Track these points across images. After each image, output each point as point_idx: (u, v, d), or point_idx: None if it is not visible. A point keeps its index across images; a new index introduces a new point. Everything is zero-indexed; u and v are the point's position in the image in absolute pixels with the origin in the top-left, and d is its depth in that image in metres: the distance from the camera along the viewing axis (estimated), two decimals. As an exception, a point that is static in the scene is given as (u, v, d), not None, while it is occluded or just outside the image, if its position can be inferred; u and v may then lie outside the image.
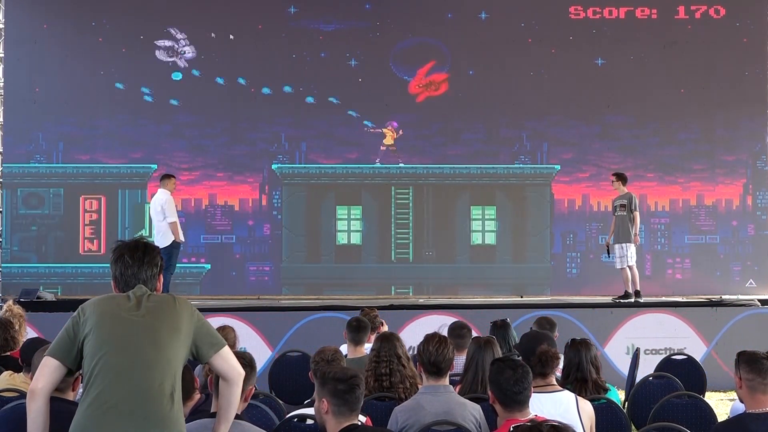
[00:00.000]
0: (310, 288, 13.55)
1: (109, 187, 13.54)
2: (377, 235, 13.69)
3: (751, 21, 13.96)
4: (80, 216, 13.53)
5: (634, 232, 11.95)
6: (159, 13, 13.65)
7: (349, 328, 6.79)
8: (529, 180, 13.82)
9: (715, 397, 9.57)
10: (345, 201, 13.69)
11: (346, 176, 13.74)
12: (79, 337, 3.57)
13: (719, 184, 13.91)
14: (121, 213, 13.55)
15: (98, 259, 13.17)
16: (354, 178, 13.74)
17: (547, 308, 10.98)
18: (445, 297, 13.16)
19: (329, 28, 13.80)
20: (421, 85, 13.73)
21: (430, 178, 13.80)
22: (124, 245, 3.79)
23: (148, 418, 3.47)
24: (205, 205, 13.61)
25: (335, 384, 4.01)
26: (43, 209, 13.54)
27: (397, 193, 13.75)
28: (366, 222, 13.71)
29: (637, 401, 6.55)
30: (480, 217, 13.75)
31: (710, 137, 13.95)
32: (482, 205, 13.76)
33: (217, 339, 3.74)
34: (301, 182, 13.70)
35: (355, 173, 13.75)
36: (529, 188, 13.83)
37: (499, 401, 4.26)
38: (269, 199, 13.68)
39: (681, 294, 13.21)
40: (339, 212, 13.70)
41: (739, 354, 4.61)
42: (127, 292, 3.69)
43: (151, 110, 13.58)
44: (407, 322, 10.80)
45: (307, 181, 13.71)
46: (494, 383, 4.27)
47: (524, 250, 13.78)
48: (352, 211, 13.71)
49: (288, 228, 13.62)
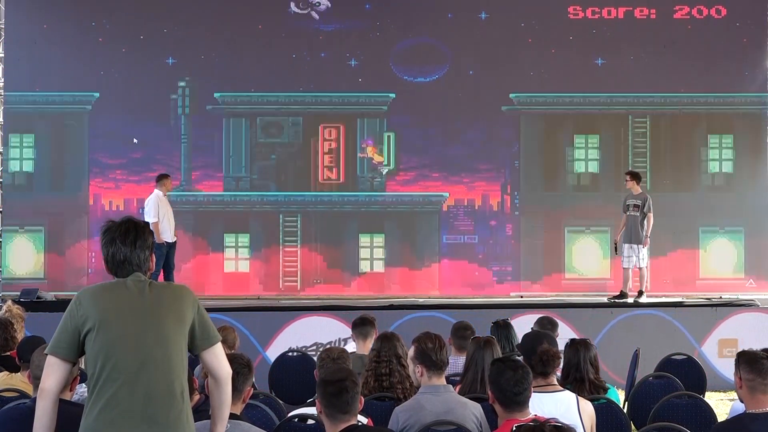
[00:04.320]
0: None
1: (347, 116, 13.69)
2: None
3: (751, 21, 13.94)
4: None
5: (645, 234, 11.95)
6: (159, 13, 13.63)
7: (355, 324, 6.95)
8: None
9: (715, 397, 9.57)
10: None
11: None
12: (79, 331, 3.52)
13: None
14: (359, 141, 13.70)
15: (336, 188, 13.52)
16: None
17: (547, 308, 10.99)
18: (446, 297, 13.15)
19: (329, 28, 13.80)
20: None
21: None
22: (115, 228, 3.69)
23: (160, 422, 3.46)
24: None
25: (324, 386, 4.00)
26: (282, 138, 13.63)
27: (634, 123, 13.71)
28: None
29: (637, 401, 6.56)
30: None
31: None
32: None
33: (213, 334, 3.69)
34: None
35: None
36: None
37: (499, 402, 4.26)
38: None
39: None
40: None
41: (739, 354, 4.62)
42: (123, 279, 3.63)
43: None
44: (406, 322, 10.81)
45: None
46: (494, 384, 4.27)
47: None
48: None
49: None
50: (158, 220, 11.62)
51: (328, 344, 10.64)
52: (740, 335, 11.06)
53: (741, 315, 11.40)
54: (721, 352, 10.83)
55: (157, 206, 11.72)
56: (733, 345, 10.88)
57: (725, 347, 10.99)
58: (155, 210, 11.68)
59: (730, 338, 11.12)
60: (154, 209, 11.69)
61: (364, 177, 13.73)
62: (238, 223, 13.61)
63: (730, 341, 11.05)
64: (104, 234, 3.70)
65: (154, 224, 11.46)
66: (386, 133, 13.75)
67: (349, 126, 13.73)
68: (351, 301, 12.11)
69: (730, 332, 11.19)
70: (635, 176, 12.17)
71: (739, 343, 10.85)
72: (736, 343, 10.95)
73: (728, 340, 11.09)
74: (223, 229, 13.57)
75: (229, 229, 13.59)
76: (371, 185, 13.72)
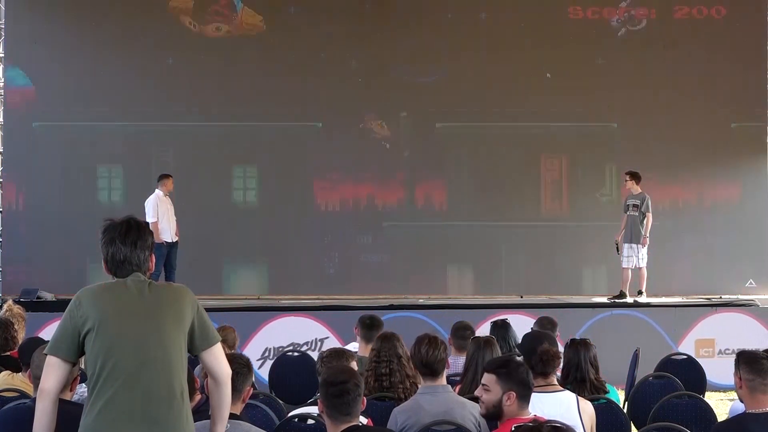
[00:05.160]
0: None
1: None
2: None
3: (751, 21, 13.94)
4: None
5: (644, 234, 11.95)
6: (159, 13, 13.64)
7: (363, 325, 6.86)
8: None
9: (715, 397, 9.57)
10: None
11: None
12: (79, 331, 3.51)
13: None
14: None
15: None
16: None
17: (547, 308, 11.00)
18: (445, 297, 13.14)
19: (329, 28, 13.79)
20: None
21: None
22: (114, 227, 3.67)
23: (159, 422, 3.46)
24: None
25: (326, 387, 3.99)
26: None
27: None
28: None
29: (637, 401, 6.55)
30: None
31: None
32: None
33: (212, 334, 3.68)
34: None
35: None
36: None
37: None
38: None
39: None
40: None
41: (739, 354, 4.61)
42: (123, 279, 3.62)
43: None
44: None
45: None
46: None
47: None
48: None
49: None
50: (157, 220, 11.63)
51: (304, 345, 10.65)
52: (717, 335, 11.10)
53: (718, 315, 11.39)
54: (698, 352, 10.77)
55: (156, 206, 11.74)
56: (710, 345, 10.91)
57: (702, 347, 10.97)
58: (154, 210, 11.71)
59: (706, 338, 11.12)
60: (153, 209, 11.71)
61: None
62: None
63: (707, 341, 11.07)
64: (104, 233, 3.67)
65: (153, 224, 11.46)
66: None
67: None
68: (352, 301, 12.06)
69: (707, 332, 11.19)
70: (634, 176, 12.17)
71: (715, 343, 10.88)
72: (713, 343, 10.99)
73: (705, 341, 11.10)
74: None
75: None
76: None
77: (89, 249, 13.09)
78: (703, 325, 11.26)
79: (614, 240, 12.32)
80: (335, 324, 10.78)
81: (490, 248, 13.69)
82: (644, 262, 12.03)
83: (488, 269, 13.72)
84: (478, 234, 13.68)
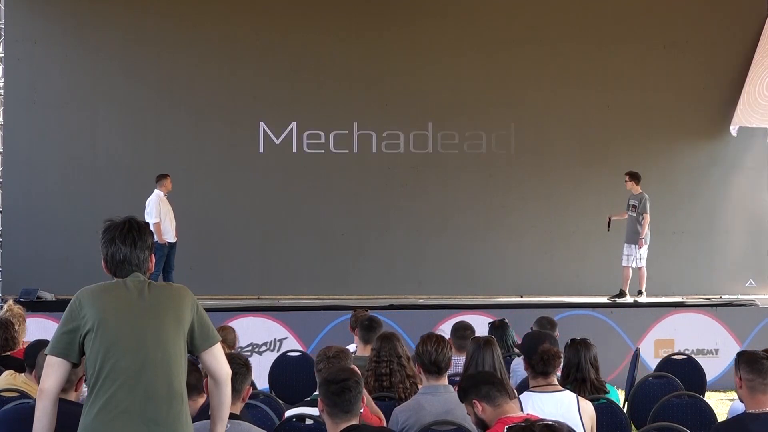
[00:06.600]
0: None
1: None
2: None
3: (751, 21, 13.93)
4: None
5: (640, 236, 11.94)
6: (159, 13, 13.64)
7: (362, 326, 6.84)
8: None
9: (715, 397, 9.58)
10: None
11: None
12: (79, 331, 3.51)
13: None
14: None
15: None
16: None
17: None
18: (445, 297, 13.14)
19: (329, 29, 13.78)
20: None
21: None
22: (115, 227, 3.67)
23: (159, 422, 3.46)
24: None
25: (327, 385, 4.00)
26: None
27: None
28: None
29: (637, 401, 6.56)
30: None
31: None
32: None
33: (213, 334, 3.69)
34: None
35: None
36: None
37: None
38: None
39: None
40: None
41: (739, 354, 4.62)
42: (123, 279, 3.62)
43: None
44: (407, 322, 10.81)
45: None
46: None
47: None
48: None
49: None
50: (160, 221, 11.63)
51: (263, 345, 10.63)
52: (676, 335, 11.11)
53: (676, 315, 11.39)
54: (657, 352, 10.77)
55: (158, 206, 11.73)
56: (670, 345, 10.90)
57: (661, 347, 10.96)
58: (156, 210, 11.70)
59: (666, 338, 11.12)
60: (156, 210, 11.70)
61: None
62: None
63: (666, 341, 11.07)
64: (104, 233, 3.68)
65: (156, 224, 11.47)
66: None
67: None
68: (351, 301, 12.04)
69: (666, 333, 11.20)
70: (634, 176, 12.18)
71: (675, 343, 10.88)
72: (672, 343, 10.99)
73: (664, 341, 11.09)
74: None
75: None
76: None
77: (89, 249, 13.19)
78: (662, 325, 11.27)
79: (608, 216, 12.18)
80: (294, 324, 10.81)
81: (490, 248, 13.67)
82: (643, 262, 12.04)
83: (489, 269, 13.69)
84: (478, 234, 13.66)
